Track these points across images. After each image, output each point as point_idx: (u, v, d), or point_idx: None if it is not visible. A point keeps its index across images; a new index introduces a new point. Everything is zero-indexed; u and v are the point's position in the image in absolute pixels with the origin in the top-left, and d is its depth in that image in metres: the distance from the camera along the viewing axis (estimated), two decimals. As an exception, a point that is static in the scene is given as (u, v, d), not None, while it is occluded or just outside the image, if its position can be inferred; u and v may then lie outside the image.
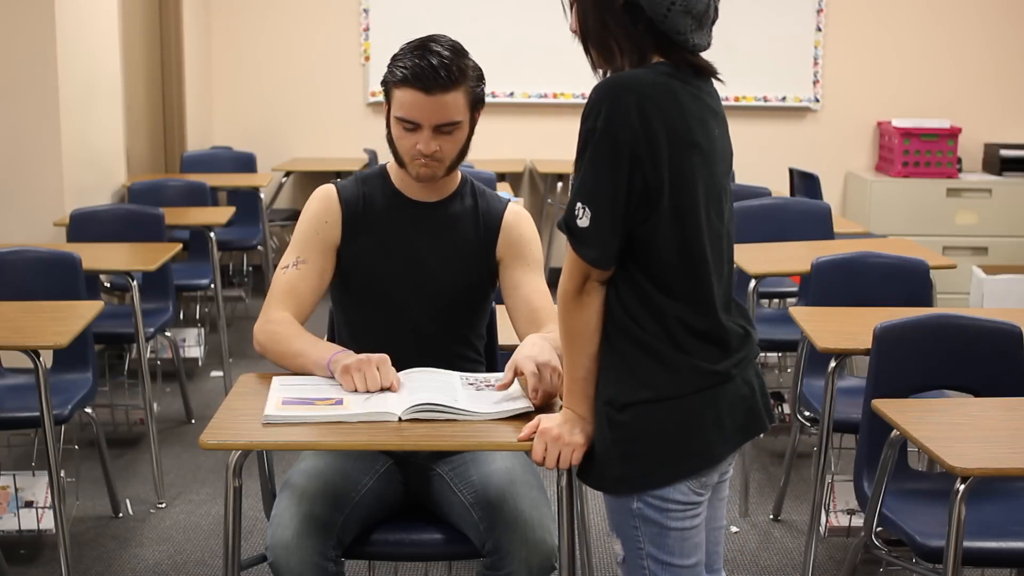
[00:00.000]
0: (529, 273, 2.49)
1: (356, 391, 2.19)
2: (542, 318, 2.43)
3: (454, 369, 2.38)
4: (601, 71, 1.91)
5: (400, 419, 2.09)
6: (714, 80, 1.93)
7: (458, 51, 2.37)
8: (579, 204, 1.83)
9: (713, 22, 1.89)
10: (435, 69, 2.31)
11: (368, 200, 2.47)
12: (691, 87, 1.87)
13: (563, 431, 1.93)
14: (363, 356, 2.22)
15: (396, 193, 2.49)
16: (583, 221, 1.83)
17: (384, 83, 2.41)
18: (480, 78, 2.40)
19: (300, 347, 2.33)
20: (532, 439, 1.97)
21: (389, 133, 2.42)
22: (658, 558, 1.92)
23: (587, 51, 1.91)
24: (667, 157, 1.81)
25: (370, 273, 2.45)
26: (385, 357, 2.23)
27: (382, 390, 2.19)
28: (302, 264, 2.43)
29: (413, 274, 2.45)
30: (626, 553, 1.95)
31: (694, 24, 1.84)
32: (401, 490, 2.44)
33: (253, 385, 2.32)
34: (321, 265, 2.44)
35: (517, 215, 2.53)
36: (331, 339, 2.60)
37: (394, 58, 2.38)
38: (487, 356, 2.62)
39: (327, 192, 2.48)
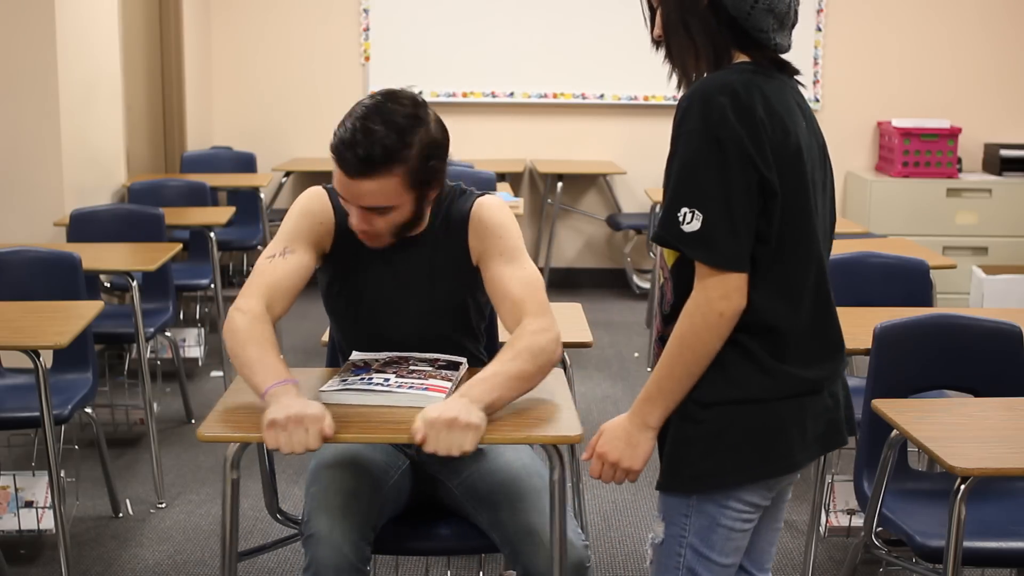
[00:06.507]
0: (503, 265, 2.31)
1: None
2: (521, 310, 2.25)
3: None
4: (678, 78, 1.89)
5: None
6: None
7: (404, 127, 2.17)
8: (684, 208, 1.77)
9: (794, 25, 1.89)
10: (356, 153, 2.15)
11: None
12: (775, 81, 1.87)
13: (623, 456, 1.89)
14: (295, 412, 1.95)
15: None
16: (692, 224, 1.76)
17: None
18: (435, 151, 2.22)
19: (248, 358, 2.12)
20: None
21: None
22: (698, 550, 1.91)
23: (669, 56, 1.89)
24: (771, 149, 1.79)
25: (357, 301, 2.41)
26: (320, 415, 1.96)
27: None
28: (289, 254, 2.31)
29: (398, 300, 2.40)
30: (666, 537, 1.94)
31: (776, 23, 1.85)
32: (412, 489, 2.46)
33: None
34: (307, 260, 2.33)
35: (480, 210, 2.37)
36: (331, 339, 2.59)
37: (351, 111, 2.23)
38: (488, 356, 2.60)
39: (320, 194, 2.40)
